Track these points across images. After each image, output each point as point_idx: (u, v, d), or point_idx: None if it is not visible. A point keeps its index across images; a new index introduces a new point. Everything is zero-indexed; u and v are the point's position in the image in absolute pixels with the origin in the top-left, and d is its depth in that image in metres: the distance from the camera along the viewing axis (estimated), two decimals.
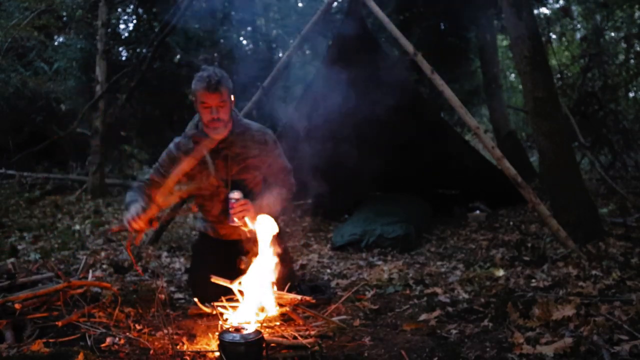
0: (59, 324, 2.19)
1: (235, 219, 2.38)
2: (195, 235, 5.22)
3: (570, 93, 8.38)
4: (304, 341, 1.93)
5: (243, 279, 2.18)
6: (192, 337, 2.18)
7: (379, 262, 3.94)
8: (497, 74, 9.86)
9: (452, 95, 3.94)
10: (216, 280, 2.25)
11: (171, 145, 2.58)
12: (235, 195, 2.39)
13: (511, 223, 5.08)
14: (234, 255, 2.45)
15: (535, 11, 9.28)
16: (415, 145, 5.93)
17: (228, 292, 2.23)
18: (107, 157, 10.07)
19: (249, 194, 2.48)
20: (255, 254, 2.23)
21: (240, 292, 2.19)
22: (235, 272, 2.25)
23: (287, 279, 2.44)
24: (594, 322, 2.06)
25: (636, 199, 5.58)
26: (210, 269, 2.34)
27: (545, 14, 10.12)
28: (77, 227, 5.60)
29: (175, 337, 2.17)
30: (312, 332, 2.13)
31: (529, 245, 3.82)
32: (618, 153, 7.66)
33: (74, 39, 10.67)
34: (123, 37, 11.79)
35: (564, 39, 11.27)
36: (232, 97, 2.43)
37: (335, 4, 5.46)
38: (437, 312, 2.46)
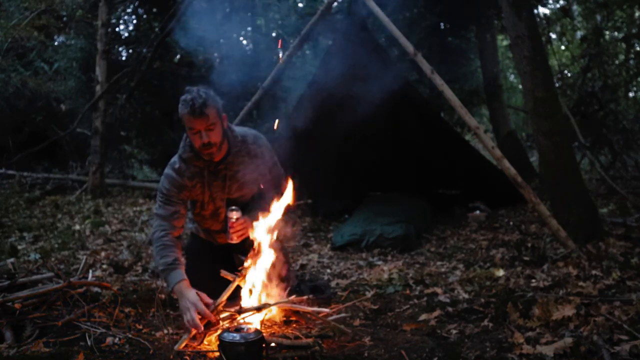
0: (59, 324, 2.19)
1: (235, 237, 2.36)
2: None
3: (570, 93, 8.38)
4: (304, 341, 1.93)
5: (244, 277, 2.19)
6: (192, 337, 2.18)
7: (379, 262, 3.94)
8: (497, 74, 9.86)
9: (452, 95, 3.94)
10: (225, 275, 2.25)
11: (170, 173, 2.37)
12: (234, 215, 2.34)
13: (511, 223, 5.08)
14: (228, 256, 2.44)
15: (535, 11, 9.27)
16: (415, 145, 5.93)
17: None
18: (107, 157, 10.06)
19: (247, 206, 2.44)
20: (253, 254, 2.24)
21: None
22: (232, 272, 2.25)
23: (287, 280, 2.44)
24: (594, 322, 2.06)
25: (636, 199, 5.58)
26: (206, 272, 2.32)
27: (545, 14, 10.12)
28: (77, 227, 5.60)
29: (175, 337, 2.17)
30: (312, 332, 2.13)
31: (529, 245, 3.82)
32: (618, 153, 7.66)
33: (74, 39, 10.67)
34: (123, 37, 11.79)
35: (564, 39, 11.26)
36: (223, 115, 2.29)
37: (335, 4, 5.46)
38: (437, 312, 2.46)
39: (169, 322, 2.38)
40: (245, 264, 2.21)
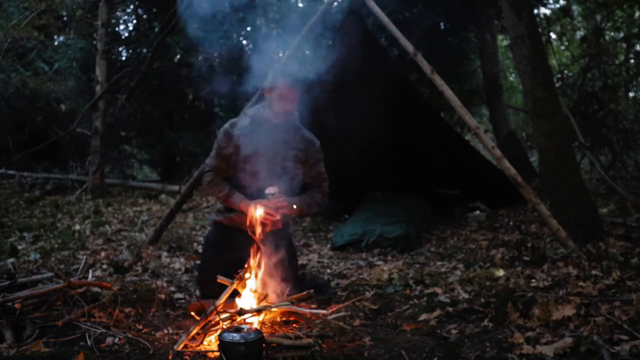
0: (59, 324, 2.19)
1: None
2: (196, 235, 5.22)
3: (570, 93, 8.38)
4: (304, 341, 1.93)
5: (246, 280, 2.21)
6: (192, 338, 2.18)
7: (379, 262, 3.93)
8: (497, 74, 9.86)
9: (452, 95, 3.94)
10: (222, 280, 2.26)
11: (226, 126, 2.71)
12: (272, 190, 2.42)
13: (511, 223, 5.08)
14: (248, 246, 2.45)
15: (535, 11, 9.27)
16: (415, 145, 5.93)
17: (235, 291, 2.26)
18: (107, 157, 10.06)
19: (293, 179, 2.61)
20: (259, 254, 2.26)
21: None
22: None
23: (292, 282, 2.47)
24: (594, 322, 2.06)
25: (636, 199, 5.58)
26: (222, 266, 2.39)
27: (545, 14, 10.12)
28: (77, 227, 5.60)
29: (175, 337, 2.17)
30: (312, 332, 2.13)
31: (529, 245, 3.82)
32: (618, 153, 7.66)
33: (74, 39, 10.67)
34: (123, 37, 11.79)
35: (564, 39, 11.26)
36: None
37: (335, 4, 5.45)
38: (437, 312, 2.46)
39: (169, 322, 2.38)
40: (243, 273, 2.24)
